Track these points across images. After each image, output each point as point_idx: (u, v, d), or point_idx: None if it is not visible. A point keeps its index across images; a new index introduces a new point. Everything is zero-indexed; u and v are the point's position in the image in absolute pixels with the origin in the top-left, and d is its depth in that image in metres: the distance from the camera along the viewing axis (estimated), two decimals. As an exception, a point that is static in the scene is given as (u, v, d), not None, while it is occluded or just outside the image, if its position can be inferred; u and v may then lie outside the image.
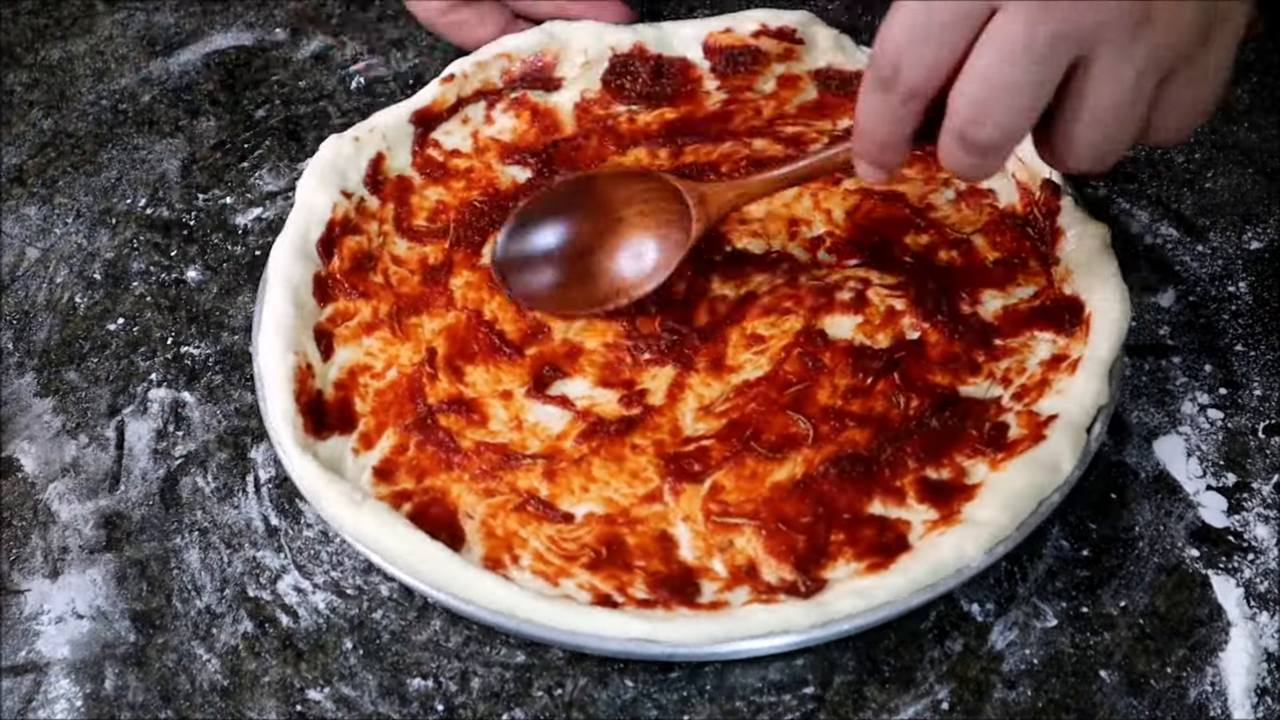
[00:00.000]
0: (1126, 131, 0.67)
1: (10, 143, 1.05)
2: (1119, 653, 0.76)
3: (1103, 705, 0.74)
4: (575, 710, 0.75)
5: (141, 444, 0.87)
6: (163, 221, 0.99)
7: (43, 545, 0.83)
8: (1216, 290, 0.91)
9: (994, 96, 0.65)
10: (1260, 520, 0.81)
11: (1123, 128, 0.67)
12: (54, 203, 1.01)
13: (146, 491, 0.85)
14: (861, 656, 0.76)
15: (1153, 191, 0.97)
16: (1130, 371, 0.88)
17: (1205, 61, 0.66)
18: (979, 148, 0.66)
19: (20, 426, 0.88)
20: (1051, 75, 0.64)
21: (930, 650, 0.76)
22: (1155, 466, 0.83)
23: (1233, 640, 0.76)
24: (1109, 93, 0.65)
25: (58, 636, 0.79)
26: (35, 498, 0.85)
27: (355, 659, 0.77)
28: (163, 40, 1.12)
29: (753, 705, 0.75)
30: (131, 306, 0.94)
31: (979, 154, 0.67)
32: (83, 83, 1.09)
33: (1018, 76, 0.64)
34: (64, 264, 0.97)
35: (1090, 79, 0.64)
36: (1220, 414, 0.85)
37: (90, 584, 0.81)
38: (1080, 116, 0.66)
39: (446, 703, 0.76)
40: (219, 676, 0.77)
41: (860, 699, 0.75)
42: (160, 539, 0.83)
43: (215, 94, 1.08)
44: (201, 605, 0.80)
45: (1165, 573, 0.79)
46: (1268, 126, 1.01)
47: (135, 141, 1.05)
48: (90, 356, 0.92)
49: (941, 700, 0.75)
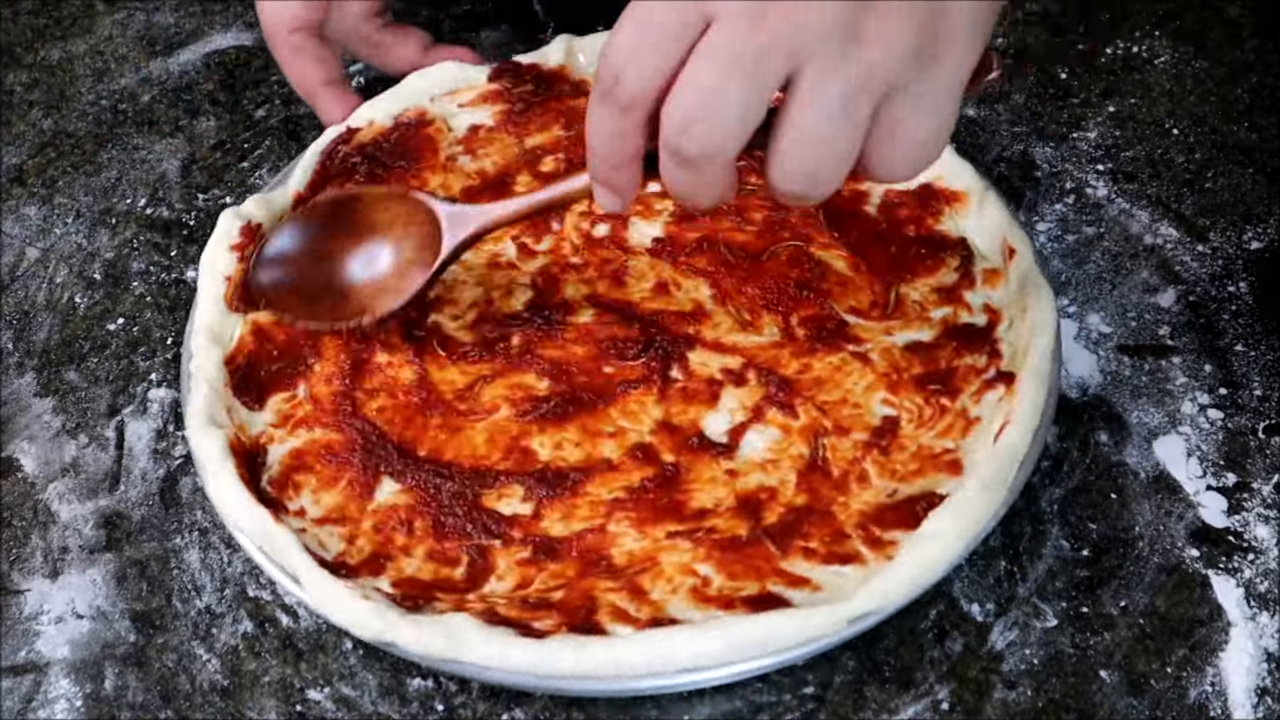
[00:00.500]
0: (836, 155, 0.64)
1: (10, 143, 1.05)
2: (1119, 653, 0.76)
3: (1103, 705, 0.74)
4: (575, 710, 0.75)
5: (141, 444, 0.87)
6: (163, 221, 0.99)
7: (43, 545, 0.83)
8: (1216, 290, 0.91)
9: (702, 107, 0.63)
10: (1260, 520, 0.81)
11: (831, 150, 0.64)
12: (54, 203, 1.01)
13: (146, 491, 0.85)
14: (861, 656, 0.76)
15: (1153, 191, 0.97)
16: (1130, 371, 0.88)
17: (925, 94, 0.63)
18: (689, 160, 0.65)
19: (20, 426, 0.88)
20: (760, 90, 0.63)
21: (930, 650, 0.76)
22: (1155, 466, 0.83)
23: (1233, 640, 0.76)
24: (815, 111, 0.63)
25: (58, 636, 0.79)
26: (35, 498, 0.85)
27: (355, 659, 0.77)
28: (163, 40, 1.12)
29: (752, 705, 0.75)
30: (131, 306, 0.94)
31: (690, 168, 0.65)
32: (83, 83, 1.09)
33: (725, 88, 0.62)
34: (64, 264, 0.97)
35: (797, 96, 0.63)
36: (1220, 414, 0.85)
37: (90, 584, 0.81)
38: (786, 135, 0.64)
39: (446, 703, 0.76)
40: (219, 676, 0.77)
41: (860, 699, 0.75)
42: (160, 539, 0.83)
43: (215, 94, 1.08)
44: (201, 605, 0.80)
45: (1165, 573, 0.79)
46: (1268, 126, 1.01)
47: (135, 141, 1.05)
48: (90, 356, 0.92)
49: (941, 700, 0.75)
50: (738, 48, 0.62)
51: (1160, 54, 1.07)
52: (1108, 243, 0.94)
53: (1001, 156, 1.01)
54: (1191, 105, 1.03)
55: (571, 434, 0.82)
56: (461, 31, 1.10)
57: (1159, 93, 1.04)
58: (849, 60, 0.62)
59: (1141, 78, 1.05)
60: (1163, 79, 1.05)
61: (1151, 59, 1.06)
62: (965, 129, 1.02)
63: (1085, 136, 1.01)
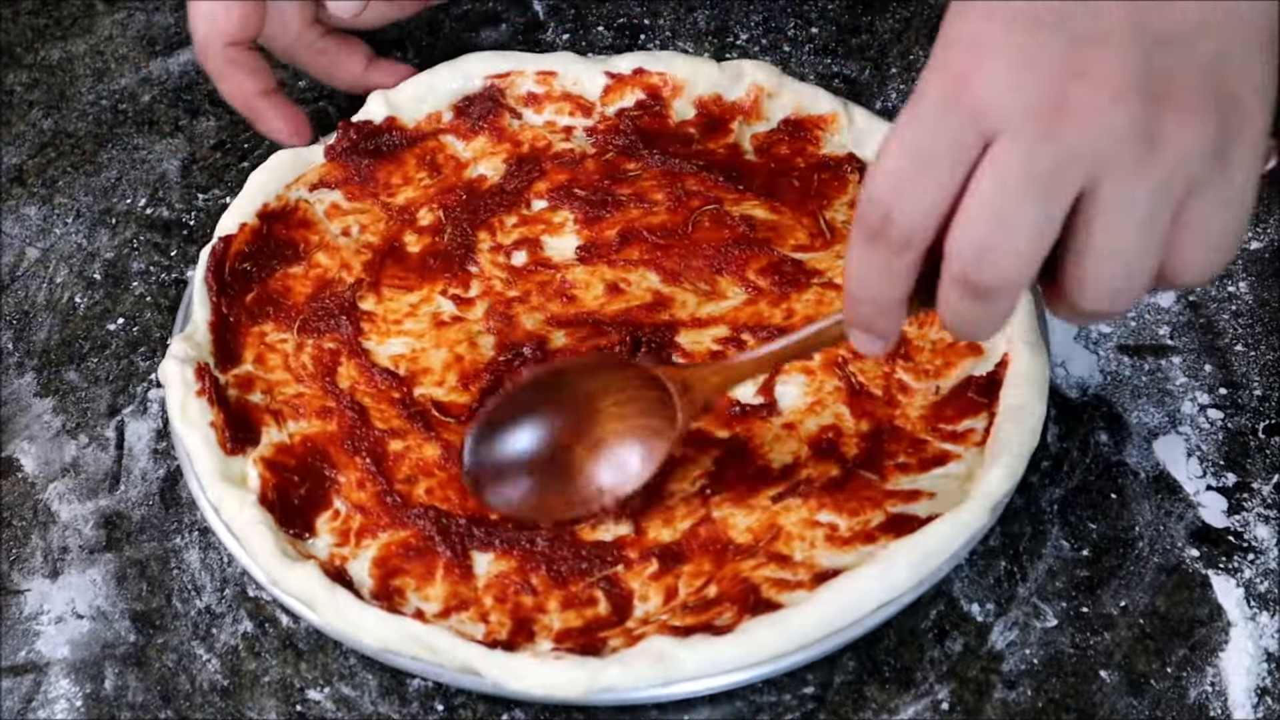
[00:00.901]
0: (1142, 267, 0.60)
1: (10, 143, 1.05)
2: (1119, 653, 0.76)
3: (1103, 705, 0.74)
4: (575, 710, 0.75)
5: (141, 444, 0.87)
6: (163, 221, 0.99)
7: (43, 545, 0.83)
8: (1216, 290, 0.91)
9: (996, 234, 0.59)
10: (1260, 520, 0.81)
11: (1137, 262, 0.60)
12: (54, 203, 1.01)
13: (146, 491, 0.85)
14: (861, 656, 0.76)
15: (1153, 191, 0.97)
16: (1130, 371, 0.88)
17: (1224, 188, 0.59)
18: (984, 292, 0.60)
19: (20, 426, 0.88)
20: (1057, 207, 0.59)
21: (930, 650, 0.76)
22: (1155, 466, 0.83)
23: (1233, 640, 0.76)
24: (1119, 225, 0.59)
25: (58, 636, 0.79)
26: (35, 498, 0.85)
27: (355, 659, 0.77)
28: (163, 40, 1.12)
29: (753, 705, 0.75)
30: (131, 306, 0.94)
31: (984, 300, 0.61)
32: (83, 83, 1.09)
33: (1020, 211, 0.58)
34: (64, 264, 0.97)
35: (1098, 208, 0.58)
36: (1220, 414, 0.85)
37: (90, 584, 0.81)
38: (1090, 252, 0.59)
39: (446, 703, 0.76)
40: (219, 676, 0.77)
41: (860, 699, 0.75)
42: (160, 539, 0.83)
43: (215, 94, 1.07)
44: (201, 605, 0.80)
45: (1165, 573, 0.79)
46: (1268, 126, 1.01)
47: (135, 141, 1.05)
48: (90, 356, 0.92)
49: (941, 700, 0.75)
50: (1030, 165, 0.58)
51: (1160, 54, 1.06)
52: (1108, 243, 0.94)
53: (1001, 156, 1.01)
54: (1191, 105, 1.03)
55: None
56: (462, 32, 1.10)
57: (1159, 93, 1.04)
58: (1150, 165, 0.58)
59: (1141, 78, 1.05)
60: (1163, 79, 1.05)
61: (1151, 59, 1.06)
62: (965, 129, 1.02)
63: (1085, 136, 1.01)
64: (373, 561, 0.78)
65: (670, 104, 0.97)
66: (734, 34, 1.09)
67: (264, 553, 0.76)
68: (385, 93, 0.98)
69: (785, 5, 1.11)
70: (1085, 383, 0.87)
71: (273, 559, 0.76)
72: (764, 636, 0.72)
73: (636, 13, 1.11)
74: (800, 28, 1.10)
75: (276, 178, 0.94)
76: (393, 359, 0.87)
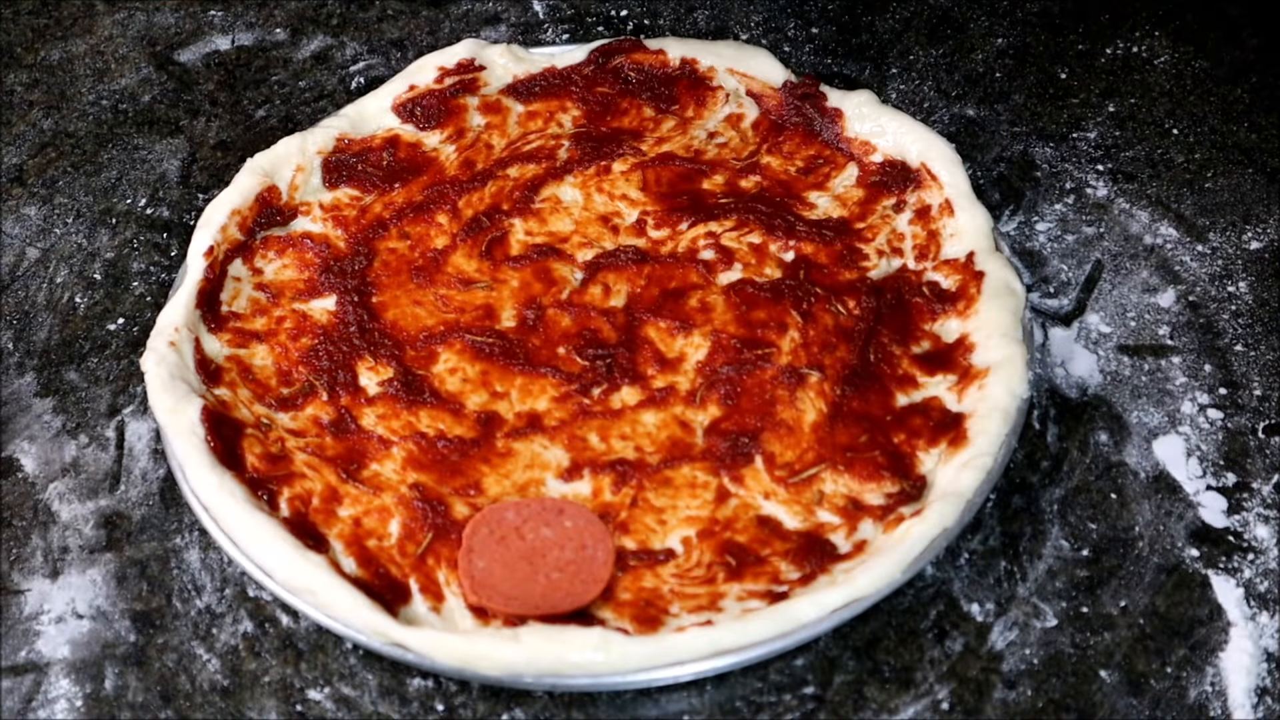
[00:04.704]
0: None
1: (10, 143, 1.05)
2: (1119, 653, 0.76)
3: (1103, 705, 0.74)
4: (575, 710, 0.75)
5: (141, 444, 0.87)
6: (163, 221, 0.99)
7: (43, 545, 0.83)
8: (1216, 290, 0.91)
9: None
10: (1260, 520, 0.81)
11: None
12: (54, 203, 1.01)
13: (146, 491, 0.85)
14: (861, 656, 0.76)
15: (1153, 191, 0.97)
16: (1130, 371, 0.88)
17: None
18: None
19: (20, 426, 0.88)
20: None
21: (930, 650, 0.76)
22: (1155, 466, 0.83)
23: (1233, 640, 0.76)
24: None
25: (58, 636, 0.79)
26: (35, 498, 0.85)
27: (355, 659, 0.77)
28: (163, 40, 1.12)
29: (753, 705, 0.75)
30: (131, 306, 0.94)
31: None
32: (83, 83, 1.09)
33: None
34: (64, 264, 0.97)
35: None
36: (1220, 414, 0.85)
37: (90, 584, 0.81)
38: None
39: (446, 703, 0.76)
40: (219, 676, 0.77)
41: (860, 699, 0.75)
42: (160, 539, 0.83)
43: (215, 94, 1.08)
44: (201, 605, 0.80)
45: (1165, 573, 0.79)
46: (1268, 126, 1.01)
47: (135, 141, 1.05)
48: (90, 356, 0.92)
49: (941, 700, 0.75)
50: None
51: (1160, 54, 1.07)
52: (1107, 242, 0.94)
53: (1001, 156, 1.01)
54: (1191, 105, 1.03)
55: (682, 475, 0.82)
56: (462, 32, 1.10)
57: (1159, 93, 1.04)
58: None
59: (1141, 78, 1.05)
60: (1163, 79, 1.05)
61: (1151, 59, 1.06)
62: (965, 129, 1.02)
63: (1085, 136, 1.01)
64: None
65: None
66: (734, 34, 1.09)
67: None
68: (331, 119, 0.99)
69: (785, 5, 1.11)
70: (1085, 383, 0.87)
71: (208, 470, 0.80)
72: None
73: (637, 12, 1.11)
74: (800, 28, 1.10)
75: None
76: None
